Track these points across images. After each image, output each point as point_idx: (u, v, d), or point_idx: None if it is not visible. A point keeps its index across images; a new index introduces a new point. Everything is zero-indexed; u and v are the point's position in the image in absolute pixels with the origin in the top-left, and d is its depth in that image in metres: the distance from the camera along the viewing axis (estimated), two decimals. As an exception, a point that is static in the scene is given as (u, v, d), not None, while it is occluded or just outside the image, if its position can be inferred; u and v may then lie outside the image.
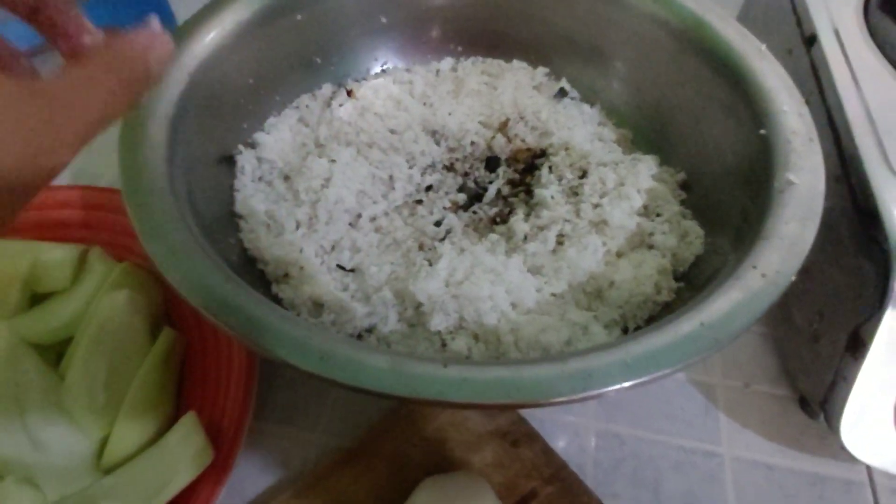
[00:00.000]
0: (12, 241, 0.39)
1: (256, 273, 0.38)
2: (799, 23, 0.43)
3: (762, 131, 0.35)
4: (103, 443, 0.34)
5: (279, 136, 0.45)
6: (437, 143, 0.47)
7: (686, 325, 0.27)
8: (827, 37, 0.40)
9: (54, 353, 0.37)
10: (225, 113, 0.42)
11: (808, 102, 0.36)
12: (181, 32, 0.41)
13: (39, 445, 0.33)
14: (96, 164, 0.52)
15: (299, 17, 0.46)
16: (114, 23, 0.60)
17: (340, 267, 0.39)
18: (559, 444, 0.37)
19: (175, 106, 0.37)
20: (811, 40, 0.40)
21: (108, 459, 0.33)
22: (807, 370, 0.35)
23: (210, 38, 0.41)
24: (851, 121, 0.35)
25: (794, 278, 0.28)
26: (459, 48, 0.53)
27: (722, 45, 0.40)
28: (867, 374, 0.30)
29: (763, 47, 0.39)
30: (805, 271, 0.29)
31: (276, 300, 0.37)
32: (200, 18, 0.42)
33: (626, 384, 0.25)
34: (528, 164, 0.46)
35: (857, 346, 0.30)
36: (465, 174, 0.46)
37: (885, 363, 0.30)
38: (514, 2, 0.50)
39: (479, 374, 0.26)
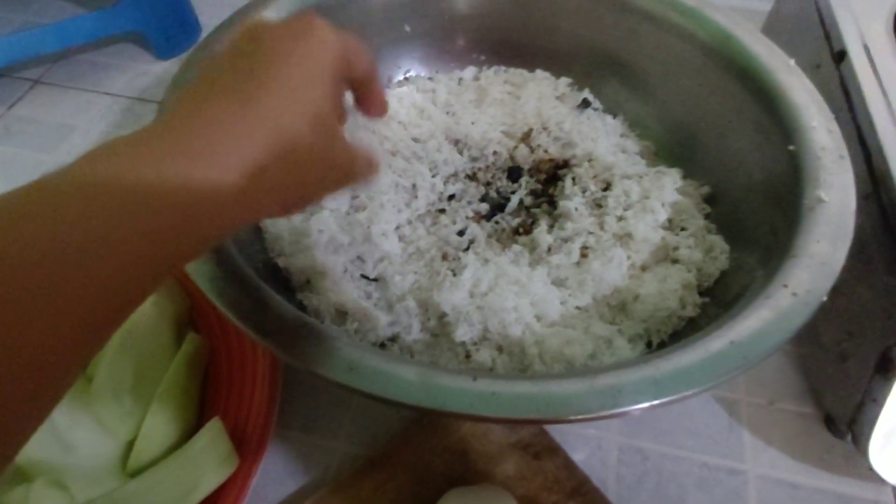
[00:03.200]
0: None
1: (281, 279, 0.39)
2: (827, 37, 0.42)
3: (791, 147, 0.35)
4: (129, 446, 0.34)
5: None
6: (460, 153, 0.47)
7: (716, 343, 0.27)
8: (857, 52, 0.39)
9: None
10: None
11: (837, 118, 0.36)
12: (207, 42, 0.41)
13: (68, 447, 0.33)
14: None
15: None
16: (139, 27, 0.61)
17: (364, 276, 0.39)
18: (581, 457, 0.36)
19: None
20: (841, 56, 0.40)
21: (135, 462, 0.33)
22: (834, 389, 0.35)
23: (238, 46, 0.42)
24: (882, 138, 0.34)
25: (825, 298, 0.28)
26: (482, 57, 0.53)
27: (750, 59, 0.40)
28: (898, 395, 0.30)
29: (792, 62, 0.39)
30: (833, 289, 0.28)
31: (300, 307, 0.37)
32: (227, 27, 0.42)
33: (656, 402, 0.25)
34: (551, 175, 0.46)
35: (887, 367, 0.30)
36: (488, 184, 0.46)
37: (917, 385, 0.29)
38: (538, 13, 0.50)
39: (509, 388, 0.26)
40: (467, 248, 0.40)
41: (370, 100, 0.29)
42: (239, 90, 0.21)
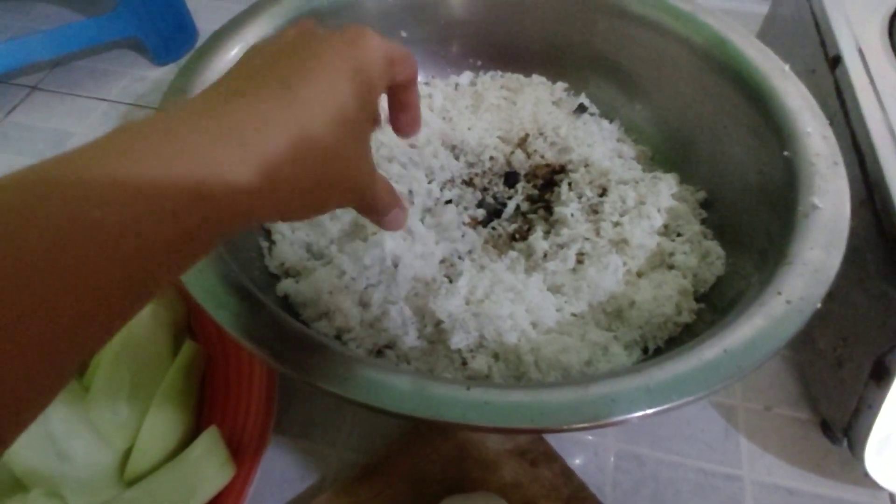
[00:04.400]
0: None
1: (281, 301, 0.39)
2: (822, 43, 0.42)
3: (786, 153, 0.35)
4: (127, 454, 0.34)
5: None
6: (457, 158, 0.47)
7: (709, 351, 0.27)
8: (851, 57, 0.39)
9: (79, 364, 0.37)
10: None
11: (831, 124, 0.36)
12: (204, 50, 0.41)
13: (65, 457, 0.33)
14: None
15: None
16: (137, 33, 0.61)
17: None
18: (578, 464, 0.36)
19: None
20: (835, 61, 0.40)
21: (131, 471, 0.33)
22: (829, 395, 0.35)
23: (233, 54, 0.42)
24: (876, 144, 0.34)
25: (818, 305, 0.28)
26: (479, 62, 0.53)
27: (744, 64, 0.40)
28: (893, 402, 0.30)
29: (787, 67, 0.39)
30: (829, 295, 0.28)
31: (295, 314, 0.37)
32: (224, 34, 0.43)
33: (650, 411, 0.25)
34: (548, 181, 0.46)
35: (882, 374, 0.30)
36: (484, 189, 0.46)
37: (912, 392, 0.29)
38: (533, 18, 0.50)
39: (502, 397, 0.26)
40: (461, 257, 0.40)
41: (405, 111, 0.29)
42: (279, 89, 0.21)
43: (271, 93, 0.21)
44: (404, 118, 0.30)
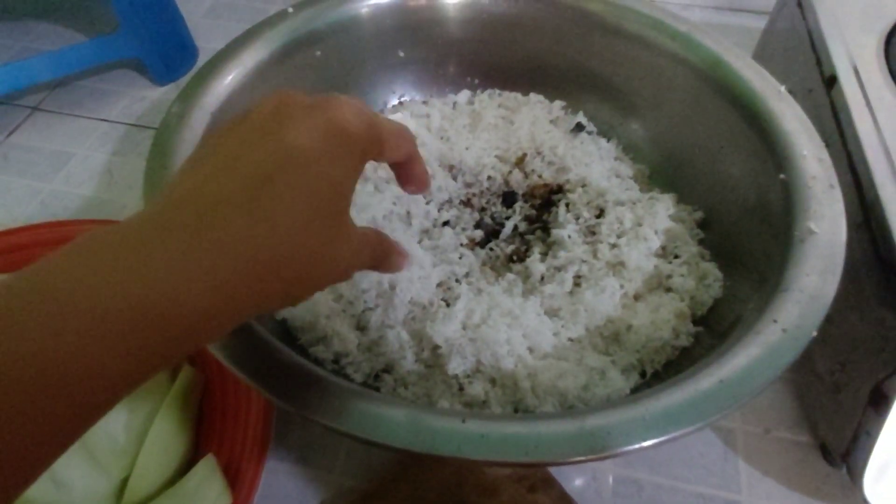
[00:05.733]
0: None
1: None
2: (818, 61, 0.42)
3: (782, 176, 0.35)
4: (124, 483, 0.34)
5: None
6: (454, 178, 0.47)
7: (705, 381, 0.27)
8: (847, 77, 0.39)
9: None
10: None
11: (828, 144, 0.36)
12: (203, 73, 0.42)
13: (61, 485, 0.33)
14: (120, 196, 0.53)
15: (318, 53, 0.47)
16: (138, 54, 0.61)
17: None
18: (576, 488, 0.36)
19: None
20: (831, 81, 0.40)
21: (128, 500, 0.33)
22: (829, 420, 0.35)
23: (231, 77, 0.42)
24: (872, 166, 0.34)
25: (815, 334, 0.28)
26: (476, 80, 0.53)
27: (740, 84, 0.40)
28: (891, 429, 0.29)
29: (782, 89, 0.39)
30: (827, 318, 0.28)
31: (291, 338, 0.37)
32: (221, 59, 0.43)
33: (646, 444, 0.25)
34: (545, 200, 0.46)
35: (880, 401, 0.30)
36: (482, 209, 0.46)
37: (910, 420, 0.29)
38: (530, 37, 0.50)
39: (498, 430, 0.26)
40: (459, 279, 0.40)
41: (411, 182, 0.30)
42: (243, 201, 0.20)
43: (233, 209, 0.20)
44: (411, 186, 0.30)
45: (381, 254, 0.28)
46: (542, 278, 0.40)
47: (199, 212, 0.20)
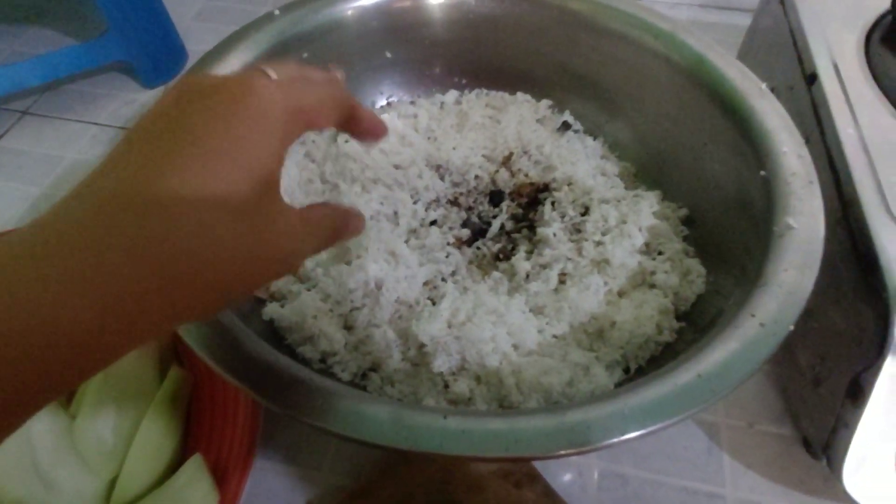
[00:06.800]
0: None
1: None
2: (799, 59, 0.43)
3: (762, 172, 0.35)
4: (112, 484, 0.34)
5: (286, 172, 0.46)
6: (442, 178, 0.47)
7: (683, 375, 0.27)
8: (827, 75, 0.40)
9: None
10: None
11: (809, 141, 0.36)
12: (193, 72, 0.42)
13: (51, 486, 0.33)
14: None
15: (305, 54, 0.47)
16: (127, 58, 0.61)
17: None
18: (561, 484, 0.37)
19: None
20: (812, 78, 0.40)
21: (117, 501, 0.34)
22: (809, 413, 0.35)
23: (218, 80, 0.42)
24: (850, 162, 0.35)
25: (792, 328, 0.28)
26: (463, 80, 0.54)
27: (722, 82, 0.40)
28: (868, 421, 0.30)
29: (763, 86, 0.39)
30: (807, 312, 0.29)
31: (277, 336, 0.38)
32: (208, 61, 0.43)
33: (625, 437, 0.25)
34: (532, 199, 0.46)
35: (857, 393, 0.30)
36: (469, 208, 0.46)
37: (886, 412, 0.30)
38: (515, 37, 0.50)
39: (479, 426, 0.26)
40: (445, 279, 0.41)
41: (363, 129, 0.27)
42: (142, 205, 0.18)
43: (123, 210, 0.18)
44: (368, 137, 0.28)
45: (334, 227, 0.25)
46: (528, 276, 0.40)
47: (94, 213, 0.18)
